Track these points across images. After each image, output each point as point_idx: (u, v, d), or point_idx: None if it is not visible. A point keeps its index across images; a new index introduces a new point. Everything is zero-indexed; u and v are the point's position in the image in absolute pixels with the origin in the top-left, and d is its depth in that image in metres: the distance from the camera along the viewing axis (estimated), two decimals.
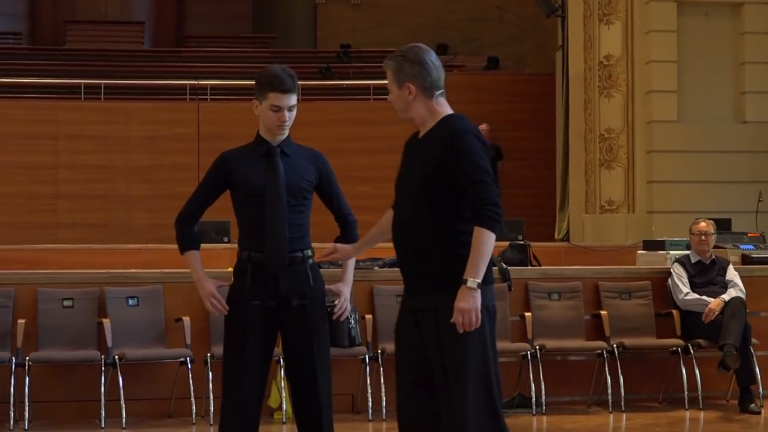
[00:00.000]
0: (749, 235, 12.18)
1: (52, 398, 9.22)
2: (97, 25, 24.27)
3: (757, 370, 9.85)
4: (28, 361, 8.92)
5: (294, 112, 5.52)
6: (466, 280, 4.83)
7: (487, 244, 4.89)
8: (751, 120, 15.39)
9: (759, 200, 13.47)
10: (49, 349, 9.12)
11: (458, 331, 4.81)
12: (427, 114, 5.34)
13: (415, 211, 5.03)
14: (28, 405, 8.88)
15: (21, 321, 9.08)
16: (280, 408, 9.26)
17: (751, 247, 11.57)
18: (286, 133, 5.53)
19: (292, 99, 5.49)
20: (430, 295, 4.94)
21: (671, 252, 11.40)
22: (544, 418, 9.47)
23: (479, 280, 4.83)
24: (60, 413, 9.18)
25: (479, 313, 4.82)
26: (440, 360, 4.93)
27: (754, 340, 9.78)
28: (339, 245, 5.56)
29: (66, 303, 9.32)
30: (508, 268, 10.33)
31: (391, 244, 5.22)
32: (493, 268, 9.99)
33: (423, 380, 5.06)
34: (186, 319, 9.29)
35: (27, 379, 8.87)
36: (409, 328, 5.06)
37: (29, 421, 8.85)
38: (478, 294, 4.82)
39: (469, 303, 4.80)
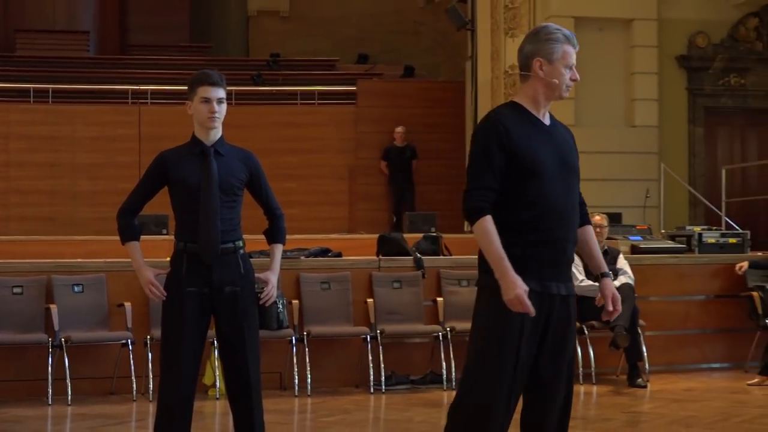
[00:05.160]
0: (638, 227, 12.35)
1: (3, 378, 9.14)
2: (45, 33, 23.95)
3: (644, 348, 10.01)
4: None
5: (224, 107, 5.49)
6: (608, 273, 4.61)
7: None
8: (639, 124, 15.58)
9: (646, 196, 13.66)
10: (0, 332, 9.02)
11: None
12: None
13: (574, 200, 4.49)
14: None
15: None
16: (213, 385, 9.24)
17: (640, 238, 11.73)
18: (218, 126, 5.49)
19: (220, 92, 5.46)
20: (570, 282, 4.50)
21: None
22: (454, 392, 9.50)
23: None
24: (10, 392, 9.08)
25: None
26: (565, 350, 4.47)
27: (641, 322, 9.94)
28: None
29: (16, 290, 9.23)
30: (422, 257, 10.39)
31: (313, 236, 5.15)
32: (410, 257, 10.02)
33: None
34: (127, 305, 9.24)
35: None
36: (540, 318, 4.35)
37: None
38: None
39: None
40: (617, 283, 9.84)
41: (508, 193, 4.33)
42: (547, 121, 4.48)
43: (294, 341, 9.48)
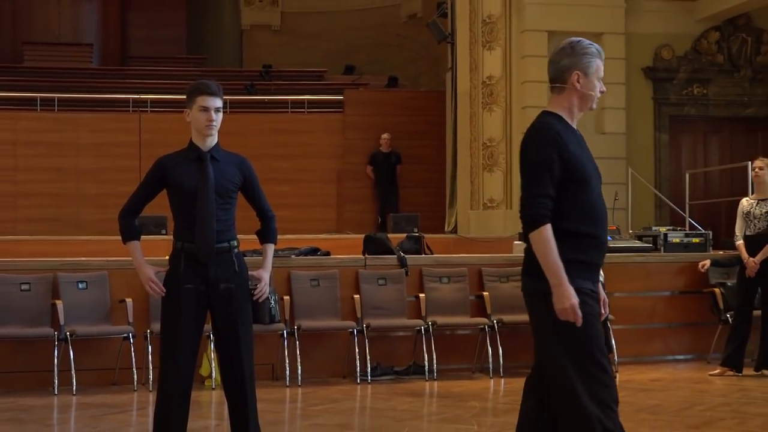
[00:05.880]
0: (611, 228, 12.35)
1: (11, 369, 9.12)
2: (51, 46, 23.92)
3: (613, 341, 10.04)
4: None
5: (220, 116, 5.48)
6: None
7: None
8: (608, 131, 15.58)
9: (615, 199, 13.65)
10: (8, 326, 9.00)
11: None
12: None
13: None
14: None
15: None
16: (210, 376, 9.23)
17: (609, 238, 11.72)
18: (214, 133, 5.49)
19: (218, 101, 5.46)
20: None
21: None
22: (435, 383, 9.53)
23: None
24: (18, 382, 9.06)
25: None
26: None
27: (610, 316, 9.95)
28: None
29: (24, 287, 9.21)
30: (406, 256, 10.39)
31: (303, 236, 5.14)
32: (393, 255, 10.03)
33: None
34: (129, 301, 9.22)
35: None
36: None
37: None
38: None
39: None
40: None
41: (562, 201, 4.26)
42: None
43: (285, 335, 9.47)
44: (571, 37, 4.74)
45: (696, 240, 11.65)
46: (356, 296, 9.95)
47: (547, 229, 4.19)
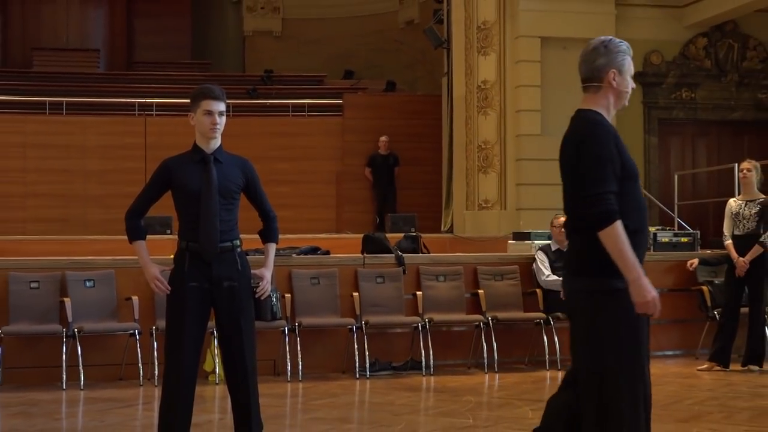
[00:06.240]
0: None
1: (21, 365, 9.09)
2: (59, 51, 23.90)
3: None
4: (0, 333, 8.78)
5: (224, 119, 5.47)
6: None
7: None
8: None
9: None
10: (18, 323, 8.99)
11: None
12: None
13: None
14: (0, 371, 8.73)
15: None
16: (213, 371, 9.22)
17: None
18: (218, 136, 5.47)
19: (222, 105, 5.45)
20: None
21: (535, 242, 11.53)
22: (432, 378, 9.52)
23: None
24: (28, 377, 9.04)
25: None
26: None
27: None
28: None
29: (33, 285, 9.19)
30: (403, 255, 10.38)
31: (304, 236, 5.12)
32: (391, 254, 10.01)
33: None
34: (134, 298, 9.21)
35: (0, 349, 8.74)
36: None
37: (1, 384, 8.71)
38: None
39: None
40: None
41: (619, 197, 4.10)
42: None
43: (286, 331, 9.46)
44: (564, 42, 4.70)
45: (684, 239, 11.65)
46: (355, 294, 9.93)
47: (620, 225, 4.02)
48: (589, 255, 4.16)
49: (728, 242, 9.83)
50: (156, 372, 8.91)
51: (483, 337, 9.84)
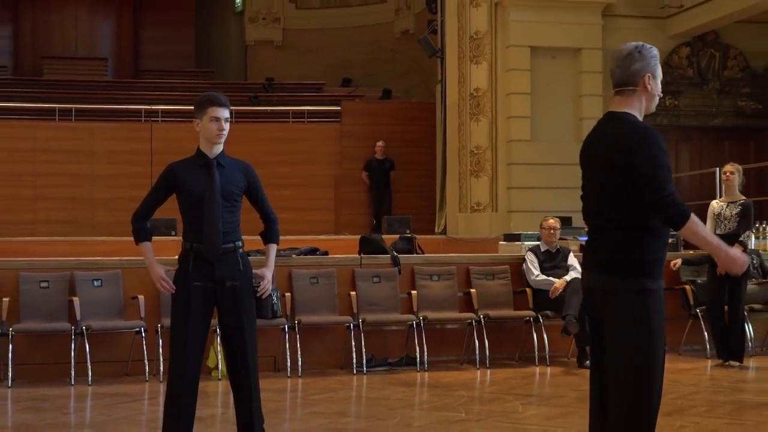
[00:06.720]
0: (586, 229, 12.34)
1: (31, 362, 9.09)
2: (69, 60, 23.93)
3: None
4: (12, 331, 8.78)
5: (228, 126, 5.49)
6: None
7: None
8: None
9: None
10: (29, 321, 8.99)
11: None
12: None
13: None
14: (12, 367, 8.73)
15: (5, 299, 8.95)
16: (216, 367, 9.21)
17: (587, 238, 11.73)
18: (222, 141, 5.49)
19: (227, 112, 5.47)
20: None
21: (525, 243, 11.52)
22: (426, 373, 9.52)
23: None
24: (38, 373, 9.03)
25: None
26: None
27: None
28: None
29: (43, 284, 9.19)
30: (399, 256, 10.39)
31: (303, 237, 5.13)
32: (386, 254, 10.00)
33: None
34: (141, 297, 9.21)
35: (10, 346, 8.73)
36: None
37: (12, 380, 8.71)
38: None
39: None
40: (568, 277, 9.86)
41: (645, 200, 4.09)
42: None
43: (287, 329, 9.46)
44: (553, 51, 4.72)
45: (668, 240, 11.65)
46: (353, 293, 9.94)
47: (695, 217, 4.10)
48: (626, 255, 4.16)
49: None
50: (161, 368, 8.90)
51: (475, 335, 9.85)
